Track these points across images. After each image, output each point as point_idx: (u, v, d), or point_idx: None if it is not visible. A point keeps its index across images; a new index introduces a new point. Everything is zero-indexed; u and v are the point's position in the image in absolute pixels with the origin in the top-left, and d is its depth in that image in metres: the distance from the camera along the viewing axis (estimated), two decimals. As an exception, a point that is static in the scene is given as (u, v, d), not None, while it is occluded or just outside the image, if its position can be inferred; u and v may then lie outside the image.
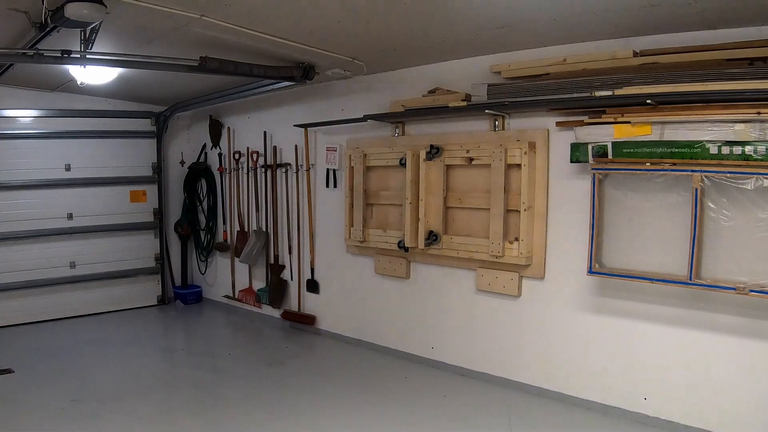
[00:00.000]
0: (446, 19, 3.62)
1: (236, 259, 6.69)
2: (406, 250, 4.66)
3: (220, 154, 6.90)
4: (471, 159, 4.31)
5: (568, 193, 4.00)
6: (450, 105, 4.32)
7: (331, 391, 4.33)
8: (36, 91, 6.16)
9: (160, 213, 7.07)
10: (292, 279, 6.14)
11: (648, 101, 3.37)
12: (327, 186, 5.63)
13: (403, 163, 4.66)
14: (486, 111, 4.17)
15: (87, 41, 3.95)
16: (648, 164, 3.46)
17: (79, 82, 4.82)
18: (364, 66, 4.79)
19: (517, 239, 4.12)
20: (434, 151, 4.48)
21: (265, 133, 6.24)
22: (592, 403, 3.93)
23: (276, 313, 6.29)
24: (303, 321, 5.96)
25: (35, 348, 5.38)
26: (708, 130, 3.24)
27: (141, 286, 7.02)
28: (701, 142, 3.24)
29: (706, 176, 3.26)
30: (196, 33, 3.92)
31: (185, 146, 7.38)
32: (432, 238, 4.52)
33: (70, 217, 6.43)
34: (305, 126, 5.64)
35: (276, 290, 6.21)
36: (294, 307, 6.13)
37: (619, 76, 3.55)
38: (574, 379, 4.04)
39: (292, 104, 5.92)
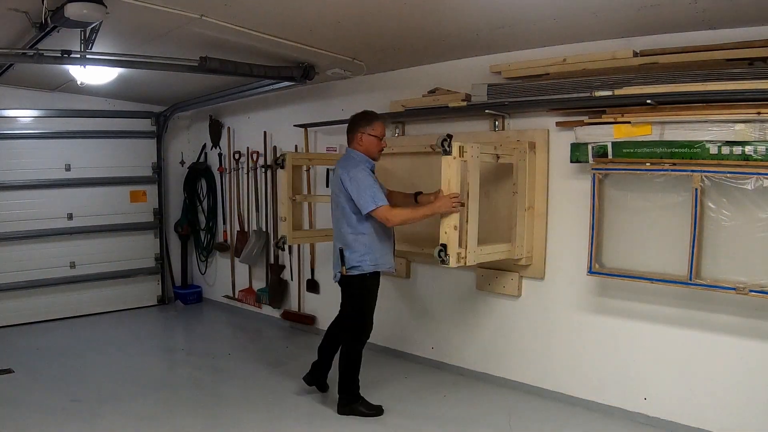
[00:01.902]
0: (446, 19, 3.63)
1: (236, 259, 6.69)
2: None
3: (220, 154, 6.90)
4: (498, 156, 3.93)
5: (568, 193, 3.99)
6: (450, 105, 4.32)
7: (331, 391, 4.33)
8: (36, 91, 6.16)
9: (160, 213, 7.07)
10: (292, 279, 6.14)
11: (648, 101, 3.37)
12: (327, 186, 5.62)
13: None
14: (486, 111, 4.17)
15: (87, 41, 3.95)
16: (648, 164, 3.45)
17: (79, 82, 4.83)
18: (364, 66, 4.79)
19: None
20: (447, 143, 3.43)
21: (265, 133, 6.24)
22: (592, 403, 3.93)
23: (276, 313, 6.29)
24: (303, 321, 5.96)
25: (35, 348, 5.38)
26: (708, 130, 3.23)
27: (141, 286, 7.02)
28: (701, 142, 3.24)
29: (706, 176, 3.25)
30: (196, 33, 3.92)
31: (185, 146, 7.38)
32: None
33: (70, 217, 6.42)
34: (305, 126, 5.64)
35: (276, 290, 6.21)
36: (294, 307, 6.13)
37: (619, 76, 3.55)
38: (574, 379, 4.04)
39: (292, 104, 5.92)
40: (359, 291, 3.80)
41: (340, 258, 3.74)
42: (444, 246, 3.46)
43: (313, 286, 5.89)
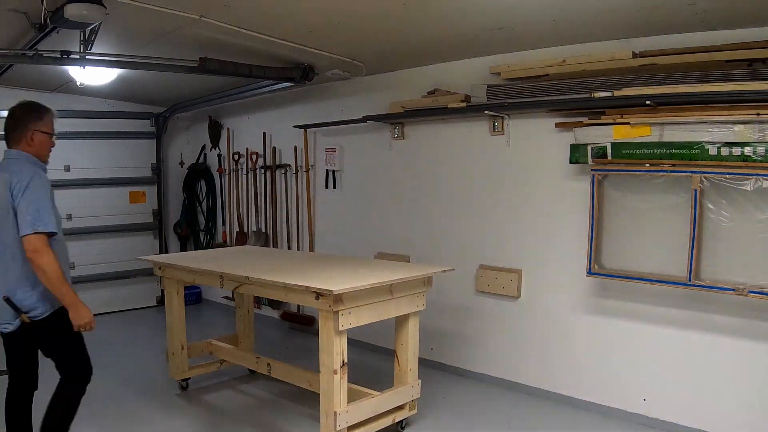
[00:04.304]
0: (446, 20, 3.62)
1: (235, 260, 6.68)
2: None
3: (219, 155, 6.90)
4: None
5: (567, 194, 3.99)
6: (449, 106, 4.32)
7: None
8: (35, 91, 6.15)
9: (159, 214, 7.07)
10: (291, 280, 6.13)
11: (647, 102, 3.37)
12: (326, 187, 5.63)
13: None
14: (485, 112, 4.18)
15: (86, 42, 3.95)
16: (647, 165, 3.46)
17: (78, 83, 4.82)
18: (363, 67, 4.79)
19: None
20: None
21: (264, 134, 6.24)
22: (592, 404, 3.93)
23: (275, 314, 6.29)
24: (302, 322, 5.95)
25: (34, 349, 5.37)
26: (707, 131, 3.24)
27: (140, 287, 7.02)
28: (700, 143, 3.24)
29: (705, 177, 3.26)
30: (196, 34, 3.92)
31: (184, 147, 7.39)
32: None
33: (69, 218, 6.41)
34: (304, 127, 5.64)
35: (275, 291, 6.18)
36: (293, 308, 6.13)
37: (618, 77, 3.55)
38: (573, 380, 4.04)
39: (292, 105, 5.92)
40: (64, 325, 2.92)
41: (10, 305, 2.77)
42: None
43: (312, 287, 5.88)
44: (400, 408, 3.66)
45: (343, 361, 3.16)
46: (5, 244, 2.76)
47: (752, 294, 3.14)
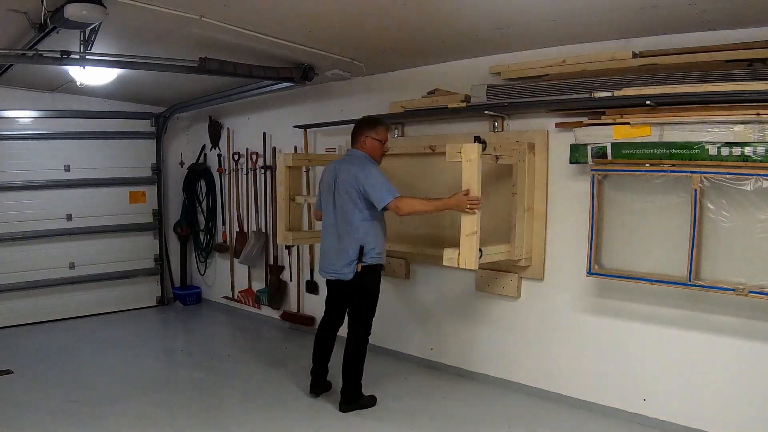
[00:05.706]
0: (445, 20, 3.63)
1: (235, 260, 6.69)
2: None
3: (219, 155, 6.90)
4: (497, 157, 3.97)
5: (567, 194, 3.99)
6: (449, 106, 4.32)
7: (331, 392, 4.32)
8: (35, 91, 6.16)
9: (159, 214, 7.06)
10: (291, 280, 6.14)
11: (647, 102, 3.37)
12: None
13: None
14: (485, 112, 4.17)
15: (86, 42, 3.96)
16: (647, 165, 3.45)
17: (78, 83, 4.83)
18: (363, 67, 4.79)
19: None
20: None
21: (264, 134, 6.24)
22: (591, 404, 3.93)
23: (275, 314, 6.29)
24: (302, 322, 5.95)
25: (35, 348, 5.37)
26: (707, 131, 3.23)
27: (140, 287, 7.01)
28: (701, 143, 3.24)
29: (705, 177, 3.25)
30: (196, 34, 3.92)
31: (184, 147, 7.38)
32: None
33: (69, 218, 6.42)
34: (304, 127, 5.64)
35: (275, 291, 6.20)
36: (293, 308, 6.13)
37: (618, 77, 3.55)
38: (574, 380, 4.04)
39: (292, 105, 5.91)
40: (374, 283, 3.96)
41: (358, 254, 3.79)
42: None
43: (312, 287, 5.89)
44: None
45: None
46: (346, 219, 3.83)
47: (752, 294, 3.14)
